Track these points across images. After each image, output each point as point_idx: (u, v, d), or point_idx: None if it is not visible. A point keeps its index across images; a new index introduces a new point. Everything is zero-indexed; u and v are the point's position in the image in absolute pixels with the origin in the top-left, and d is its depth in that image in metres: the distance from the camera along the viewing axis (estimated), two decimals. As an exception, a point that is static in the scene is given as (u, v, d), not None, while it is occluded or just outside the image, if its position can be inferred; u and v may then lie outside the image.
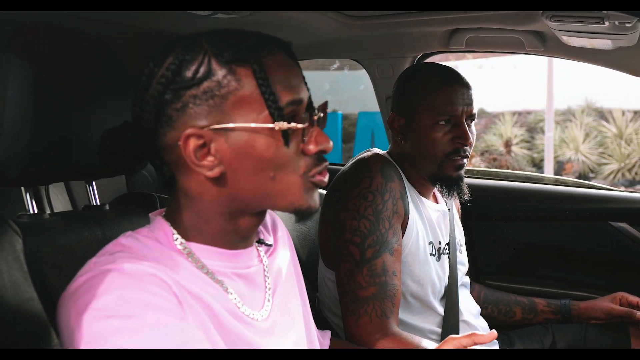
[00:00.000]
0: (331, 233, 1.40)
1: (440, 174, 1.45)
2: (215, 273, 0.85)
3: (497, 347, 1.58)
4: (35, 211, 1.00)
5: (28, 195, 1.00)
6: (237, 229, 0.87)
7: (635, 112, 10.92)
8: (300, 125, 0.82)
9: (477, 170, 2.29)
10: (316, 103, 0.90)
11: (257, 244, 0.95)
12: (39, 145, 0.91)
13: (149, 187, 2.20)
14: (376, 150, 1.52)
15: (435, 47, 1.93)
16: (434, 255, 1.49)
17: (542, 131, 10.91)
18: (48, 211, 1.11)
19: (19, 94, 0.89)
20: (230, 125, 0.79)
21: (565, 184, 2.15)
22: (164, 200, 1.12)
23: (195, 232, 0.85)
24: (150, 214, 0.91)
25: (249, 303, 0.88)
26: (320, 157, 0.86)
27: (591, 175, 10.65)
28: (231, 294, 0.86)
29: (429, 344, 1.20)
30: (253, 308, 0.89)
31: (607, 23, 1.32)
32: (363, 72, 2.17)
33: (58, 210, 1.45)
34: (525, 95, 12.14)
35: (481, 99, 12.42)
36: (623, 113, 10.81)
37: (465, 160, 1.44)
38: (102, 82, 1.03)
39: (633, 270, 1.92)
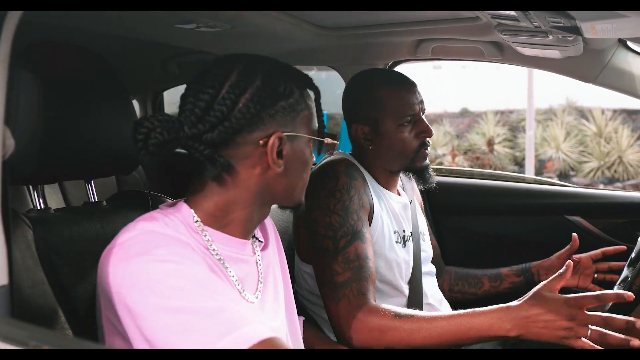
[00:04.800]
0: (306, 230, 1.52)
1: (412, 166, 1.62)
2: (224, 258, 1.01)
3: None
4: (42, 207, 1.13)
5: (35, 193, 1.13)
6: (252, 219, 1.06)
7: (615, 111, 11.10)
8: (331, 141, 1.13)
9: (445, 169, 2.43)
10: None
11: (252, 239, 1.11)
12: (48, 149, 1.04)
13: (138, 187, 2.32)
14: (339, 152, 1.65)
15: (404, 55, 2.07)
16: (399, 242, 1.63)
17: (524, 130, 11.06)
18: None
19: (30, 103, 1.00)
20: (298, 134, 1.03)
21: (524, 180, 2.31)
22: (155, 198, 1.24)
23: (216, 219, 1.02)
24: (161, 205, 1.05)
25: (245, 286, 1.05)
26: None
27: (572, 173, 10.79)
28: (233, 276, 1.02)
29: (406, 312, 1.32)
30: (248, 291, 1.05)
31: (550, 37, 1.46)
32: (342, 76, 2.29)
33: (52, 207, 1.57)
34: (507, 95, 12.30)
35: (464, 98, 12.60)
36: (603, 112, 10.97)
37: (429, 148, 1.62)
38: (102, 91, 1.15)
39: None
